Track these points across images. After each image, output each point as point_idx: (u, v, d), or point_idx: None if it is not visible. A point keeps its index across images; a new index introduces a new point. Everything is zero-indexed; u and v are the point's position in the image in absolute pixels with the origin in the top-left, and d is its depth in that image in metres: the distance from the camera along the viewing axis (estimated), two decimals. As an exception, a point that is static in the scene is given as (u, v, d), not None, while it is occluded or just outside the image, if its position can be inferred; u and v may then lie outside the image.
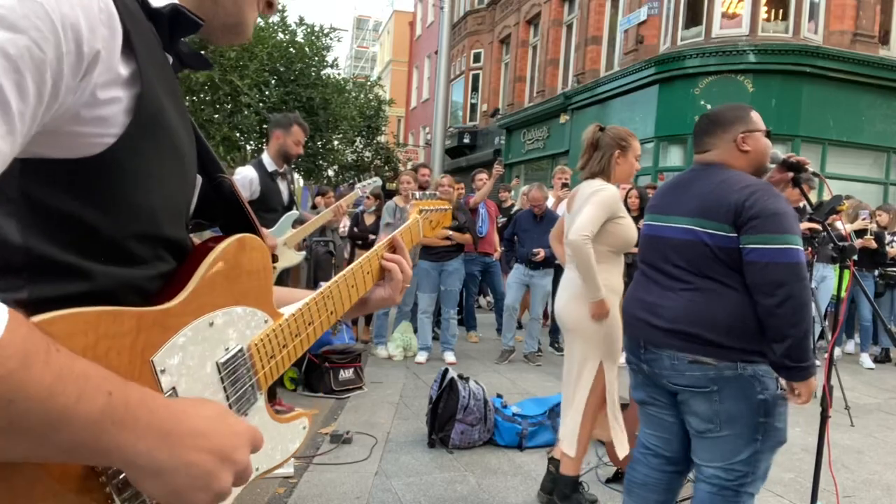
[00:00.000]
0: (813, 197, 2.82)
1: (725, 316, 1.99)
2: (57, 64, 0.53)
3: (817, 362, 6.02)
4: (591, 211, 2.82)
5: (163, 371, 0.67)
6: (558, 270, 6.66)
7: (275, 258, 3.52)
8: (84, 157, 0.59)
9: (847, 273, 2.42)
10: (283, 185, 4.15)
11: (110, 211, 0.63)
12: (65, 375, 0.51)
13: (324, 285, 0.97)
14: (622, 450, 2.98)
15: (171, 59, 0.75)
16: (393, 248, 1.14)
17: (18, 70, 0.50)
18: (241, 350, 0.78)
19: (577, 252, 2.78)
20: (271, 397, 4.14)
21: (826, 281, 6.77)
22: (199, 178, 0.82)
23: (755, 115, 2.17)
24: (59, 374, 0.51)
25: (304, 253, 4.17)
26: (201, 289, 0.72)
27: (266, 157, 4.10)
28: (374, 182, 5.59)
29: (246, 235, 0.79)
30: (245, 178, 3.99)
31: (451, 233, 6.03)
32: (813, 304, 4.70)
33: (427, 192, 1.36)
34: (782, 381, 2.03)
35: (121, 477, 0.62)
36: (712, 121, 2.19)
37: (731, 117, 2.15)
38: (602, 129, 3.04)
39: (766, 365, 2.01)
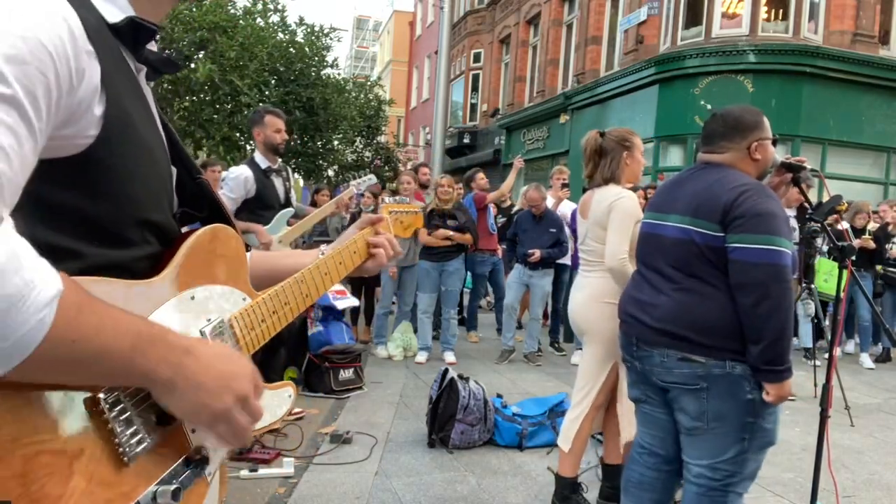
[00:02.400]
0: (813, 196, 2.81)
1: (714, 317, 1.99)
2: (57, 84, 0.65)
3: (817, 363, 5.99)
4: (619, 229, 2.81)
5: None
6: (558, 271, 6.68)
7: (248, 248, 3.54)
8: (70, 156, 0.71)
9: (846, 273, 2.42)
10: (278, 182, 4.15)
11: (97, 199, 0.74)
12: (104, 319, 0.66)
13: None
14: (626, 434, 2.98)
15: (140, 68, 0.85)
16: (376, 231, 1.30)
17: (34, 94, 0.62)
18: (221, 321, 0.91)
19: (620, 275, 2.77)
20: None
21: None
22: (174, 170, 0.93)
23: (766, 122, 2.17)
24: (101, 318, 0.65)
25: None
26: (181, 267, 0.84)
27: (257, 155, 4.11)
28: (369, 179, 5.56)
29: (218, 226, 0.92)
30: (240, 178, 4.00)
31: (451, 233, 6.03)
32: (811, 306, 4.70)
33: (397, 198, 1.48)
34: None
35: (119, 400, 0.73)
36: (731, 124, 2.15)
37: (749, 123, 2.13)
38: (602, 135, 3.04)
39: None
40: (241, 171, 4.03)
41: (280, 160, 4.22)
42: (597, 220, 2.95)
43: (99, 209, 0.75)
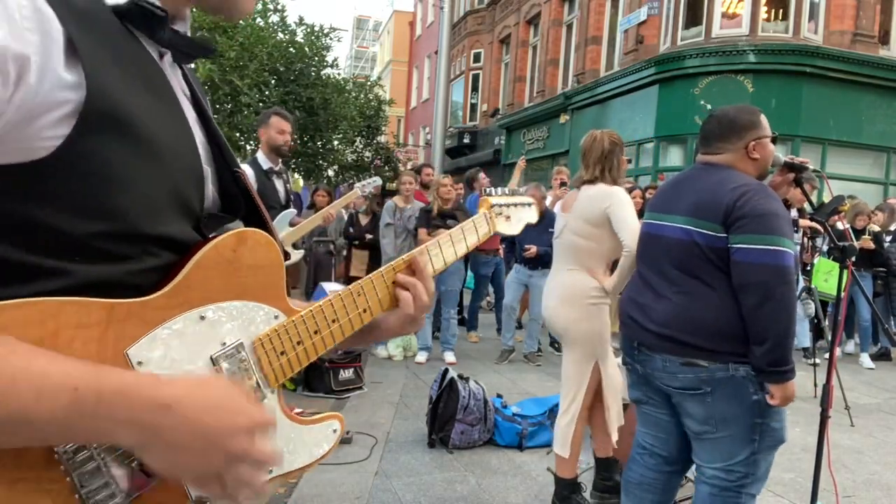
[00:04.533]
0: (814, 196, 2.81)
1: (715, 319, 1.98)
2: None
3: (817, 361, 5.96)
4: (629, 213, 2.85)
5: (140, 363, 0.66)
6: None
7: (286, 255, 3.54)
8: (30, 161, 0.59)
9: (846, 273, 2.42)
10: (279, 184, 4.16)
11: (72, 211, 0.62)
12: (19, 378, 0.53)
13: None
14: (613, 434, 3.02)
15: (163, 52, 0.75)
16: (411, 267, 0.97)
17: None
18: (240, 345, 0.76)
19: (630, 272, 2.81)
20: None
21: None
22: (208, 170, 0.80)
23: (764, 120, 2.16)
24: (13, 378, 0.53)
25: (302, 251, 4.17)
26: (190, 282, 0.71)
27: (260, 155, 4.12)
28: (373, 182, 5.53)
29: (247, 230, 0.77)
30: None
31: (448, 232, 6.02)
32: (811, 306, 4.69)
33: (503, 188, 1.23)
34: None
35: (81, 464, 0.63)
36: (726, 126, 2.15)
37: (745, 122, 2.13)
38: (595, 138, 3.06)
39: None
40: (244, 169, 4.04)
41: (281, 162, 4.22)
42: (582, 215, 2.94)
43: (75, 222, 0.62)
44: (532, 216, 1.26)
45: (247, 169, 4.03)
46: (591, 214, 2.91)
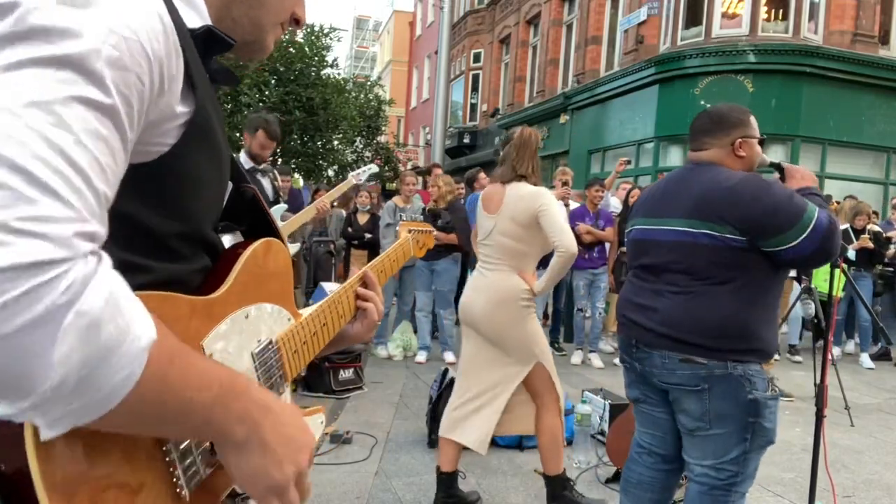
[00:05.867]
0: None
1: (718, 318, 1.99)
2: (150, 91, 0.61)
3: (801, 359, 5.89)
4: (562, 219, 2.85)
5: (210, 355, 0.73)
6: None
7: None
8: (141, 163, 0.65)
9: (838, 273, 2.42)
10: (265, 181, 4.19)
11: (160, 211, 0.69)
12: (189, 371, 0.61)
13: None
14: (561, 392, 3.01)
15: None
16: (364, 282, 1.13)
17: (130, 104, 0.58)
18: (270, 342, 0.85)
19: (570, 262, 2.81)
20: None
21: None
22: (230, 184, 0.88)
23: (754, 121, 2.18)
24: (188, 369, 0.61)
25: (298, 245, 4.17)
26: (237, 284, 0.79)
27: (242, 156, 4.15)
28: (369, 169, 5.30)
29: (272, 239, 0.86)
30: None
31: (436, 232, 6.01)
32: (811, 306, 4.70)
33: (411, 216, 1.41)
34: (773, 382, 2.04)
35: (185, 451, 0.70)
36: (713, 121, 2.17)
37: (733, 120, 2.14)
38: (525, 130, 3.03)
39: (757, 365, 2.02)
40: (252, 186, 4.11)
41: (267, 162, 4.28)
42: (511, 215, 2.84)
43: (162, 221, 0.69)
44: (430, 241, 1.53)
45: None
46: (520, 215, 2.82)
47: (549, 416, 2.94)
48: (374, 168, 5.47)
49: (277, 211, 4.10)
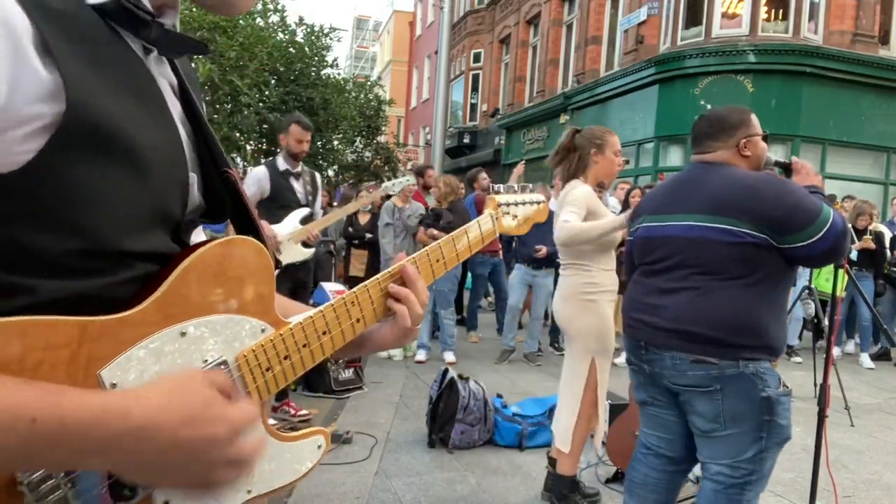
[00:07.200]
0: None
1: (731, 312, 1.98)
2: None
3: (800, 360, 5.92)
4: (567, 209, 2.91)
5: (114, 385, 0.62)
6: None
7: (277, 263, 3.59)
8: None
9: (841, 273, 2.42)
10: (297, 184, 4.25)
11: (40, 228, 0.58)
12: None
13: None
14: (599, 438, 3.18)
15: (149, 50, 0.70)
16: (402, 278, 0.91)
17: None
18: (223, 362, 0.71)
19: (568, 237, 2.86)
20: (281, 397, 4.18)
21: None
22: (194, 176, 0.75)
23: (755, 119, 2.19)
24: None
25: (312, 250, 4.20)
26: (170, 296, 0.66)
27: (279, 158, 4.28)
28: (406, 181, 5.48)
29: (235, 238, 0.72)
30: (255, 175, 4.20)
31: (435, 232, 6.01)
32: (811, 306, 4.70)
33: (508, 185, 1.20)
34: (784, 380, 2.04)
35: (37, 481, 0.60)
36: (716, 125, 2.18)
37: (735, 121, 2.16)
38: (578, 132, 3.12)
39: (767, 363, 2.01)
40: (258, 171, 4.26)
41: (301, 164, 4.33)
42: (557, 215, 2.99)
43: (48, 238, 0.58)
44: (542, 215, 1.22)
45: (261, 170, 4.16)
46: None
47: (582, 420, 2.99)
48: (410, 180, 5.58)
49: (299, 214, 4.14)
